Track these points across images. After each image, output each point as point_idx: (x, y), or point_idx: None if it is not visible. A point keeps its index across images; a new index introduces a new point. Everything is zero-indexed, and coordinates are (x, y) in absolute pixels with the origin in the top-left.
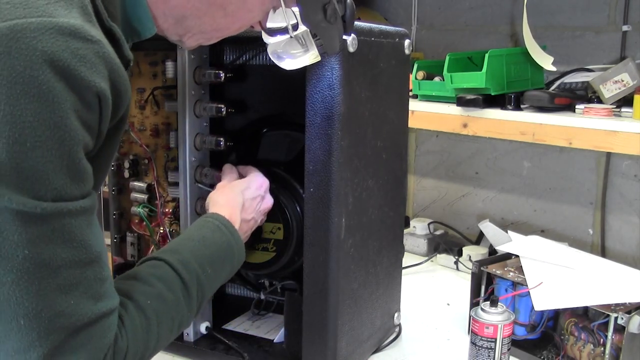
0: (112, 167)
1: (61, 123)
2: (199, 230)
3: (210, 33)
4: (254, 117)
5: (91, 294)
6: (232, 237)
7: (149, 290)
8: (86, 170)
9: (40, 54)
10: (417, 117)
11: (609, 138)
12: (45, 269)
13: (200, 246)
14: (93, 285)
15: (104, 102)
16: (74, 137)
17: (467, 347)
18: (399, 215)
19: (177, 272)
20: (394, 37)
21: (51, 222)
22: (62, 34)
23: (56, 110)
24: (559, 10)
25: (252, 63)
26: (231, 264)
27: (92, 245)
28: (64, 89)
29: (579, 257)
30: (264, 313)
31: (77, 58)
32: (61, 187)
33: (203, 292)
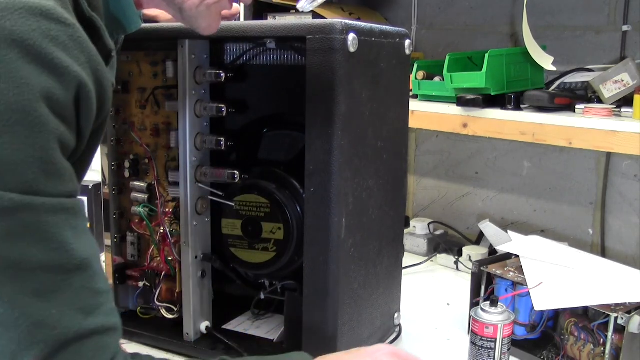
0: (112, 166)
1: (30, 108)
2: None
3: None
4: (254, 117)
5: (79, 306)
6: None
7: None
8: (63, 168)
9: (8, 33)
10: (417, 117)
11: (609, 138)
12: (18, 270)
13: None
14: (80, 295)
15: (84, 92)
16: (45, 125)
17: (467, 347)
18: (399, 215)
19: None
20: (395, 37)
21: (21, 216)
22: (33, 14)
23: (25, 93)
24: (559, 10)
25: (253, 63)
26: None
27: (76, 250)
28: (34, 72)
29: (579, 257)
30: (264, 313)
31: (49, 39)
32: (33, 181)
33: None
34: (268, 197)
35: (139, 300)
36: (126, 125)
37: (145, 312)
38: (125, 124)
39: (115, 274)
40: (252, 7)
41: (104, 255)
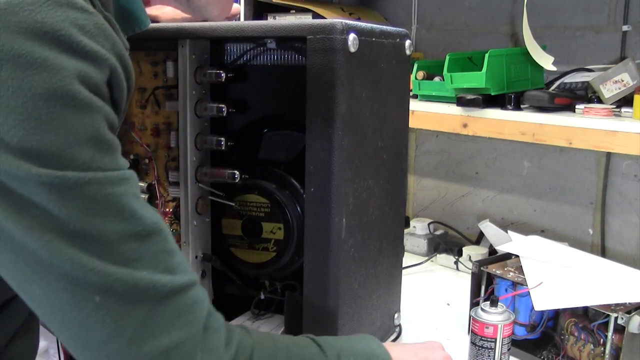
0: None
1: (73, 92)
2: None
3: None
4: (254, 117)
5: (162, 267)
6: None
7: None
8: (115, 143)
9: (41, 25)
10: (417, 117)
11: (609, 138)
12: (100, 244)
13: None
14: (160, 258)
15: (115, 75)
16: (91, 104)
17: (467, 347)
18: (399, 215)
19: None
20: (395, 38)
21: (89, 191)
22: (60, 5)
23: (65, 78)
24: (559, 10)
25: (253, 63)
26: None
27: (146, 217)
28: (68, 59)
29: (579, 257)
30: (264, 313)
31: (78, 28)
32: (91, 160)
33: None
34: (268, 197)
35: None
36: (126, 125)
37: None
38: (125, 124)
39: None
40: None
41: None
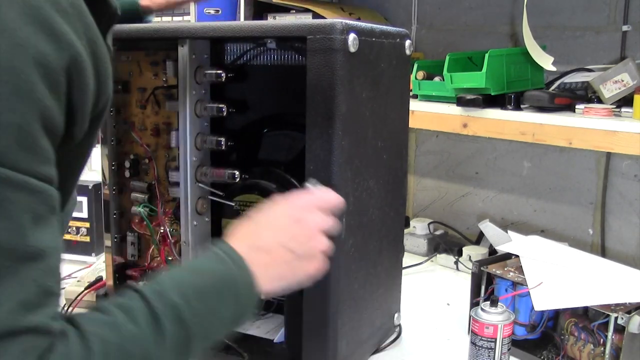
0: (113, 166)
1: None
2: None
3: None
4: (254, 117)
5: (21, 298)
6: (236, 268)
7: (101, 318)
8: (41, 146)
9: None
10: (417, 117)
11: (609, 138)
12: None
13: (188, 275)
14: (26, 288)
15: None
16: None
17: (467, 347)
18: (399, 215)
19: (147, 301)
20: (395, 38)
21: None
22: None
23: (20, 54)
24: (559, 10)
25: (253, 63)
26: (235, 300)
27: (32, 237)
28: (33, 34)
29: (579, 257)
30: (264, 313)
31: (51, 3)
32: (3, 148)
33: (187, 329)
34: (268, 197)
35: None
36: (126, 125)
37: None
38: (125, 124)
39: (115, 274)
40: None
41: (104, 255)
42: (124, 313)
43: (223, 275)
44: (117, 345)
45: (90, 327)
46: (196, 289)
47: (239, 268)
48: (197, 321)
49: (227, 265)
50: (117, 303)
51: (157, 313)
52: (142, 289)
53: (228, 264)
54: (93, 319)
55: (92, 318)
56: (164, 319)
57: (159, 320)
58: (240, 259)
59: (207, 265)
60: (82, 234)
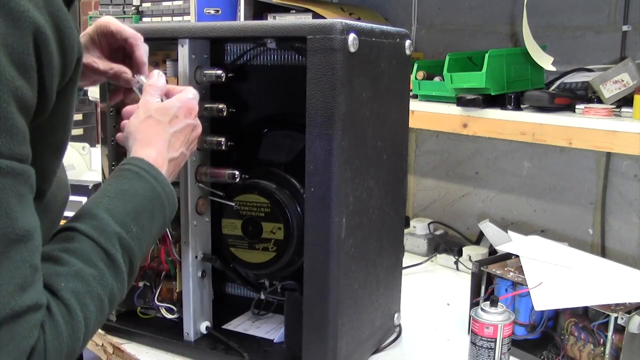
0: (113, 166)
1: None
2: (116, 182)
3: None
4: (254, 117)
5: (17, 281)
6: (157, 183)
7: (63, 271)
8: (17, 126)
9: None
10: (417, 117)
11: (609, 138)
12: None
13: (118, 202)
14: (20, 269)
15: (44, 43)
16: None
17: (467, 347)
18: (399, 215)
19: (94, 240)
20: (395, 38)
21: None
22: None
23: None
24: (559, 10)
25: (253, 63)
26: (162, 214)
27: (20, 220)
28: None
29: (579, 257)
30: (264, 313)
31: None
32: None
33: (131, 255)
34: (268, 197)
35: (139, 300)
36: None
37: (145, 312)
38: None
39: None
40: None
41: None
42: (79, 259)
43: (149, 194)
44: (87, 292)
45: (60, 285)
46: (130, 214)
47: (160, 183)
48: (137, 243)
49: (149, 182)
50: (69, 249)
51: (106, 248)
52: (84, 229)
53: (150, 182)
54: (59, 275)
55: (58, 274)
56: (113, 252)
57: (109, 255)
58: (158, 172)
59: (132, 187)
60: None
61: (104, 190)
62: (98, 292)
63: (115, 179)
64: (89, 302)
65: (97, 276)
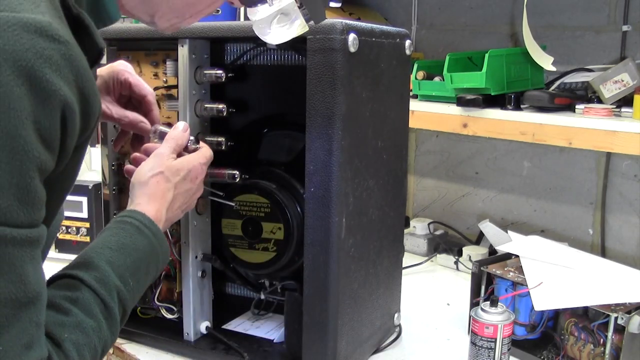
0: (113, 166)
1: (15, 133)
2: (117, 234)
3: (182, 9)
4: (254, 117)
5: (25, 340)
6: (156, 239)
7: (66, 321)
8: (38, 195)
9: (1, 52)
10: (417, 117)
11: (609, 138)
12: None
13: (119, 256)
14: (28, 330)
15: (70, 116)
16: (28, 152)
17: (467, 347)
18: (399, 215)
19: (95, 292)
20: (395, 38)
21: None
22: (27, 31)
23: (12, 117)
24: (559, 10)
25: (253, 63)
26: (156, 268)
27: (32, 283)
28: (25, 94)
29: (579, 257)
30: (264, 313)
31: (43, 59)
32: (6, 209)
33: (125, 307)
34: (268, 197)
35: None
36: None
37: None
38: None
39: None
40: None
41: None
42: (82, 310)
43: (148, 250)
44: (86, 343)
45: (64, 336)
46: (130, 268)
47: (158, 240)
48: (132, 296)
49: (149, 239)
50: (72, 299)
51: (106, 301)
52: (87, 279)
53: (150, 238)
54: (63, 325)
55: (62, 324)
56: (112, 305)
57: (108, 307)
58: (158, 229)
59: (133, 242)
60: (82, 234)
61: (106, 240)
62: (95, 343)
63: (117, 230)
64: (87, 353)
65: (96, 328)
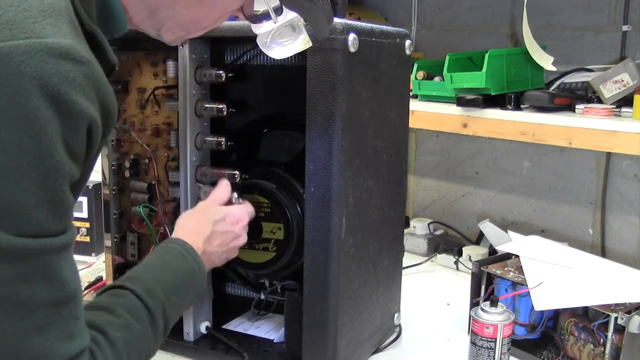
0: (113, 166)
1: (47, 154)
2: (163, 256)
3: (188, 25)
4: (254, 117)
5: (67, 333)
6: (196, 264)
7: (117, 322)
8: (69, 204)
9: (29, 79)
10: (417, 117)
11: (609, 138)
12: (24, 310)
13: (164, 273)
14: (68, 323)
15: (95, 130)
16: (59, 169)
17: (467, 347)
18: (399, 215)
19: (142, 301)
20: (395, 38)
21: (32, 260)
22: (52, 56)
23: (43, 140)
24: (559, 10)
25: (253, 63)
26: (194, 291)
27: (70, 282)
28: (53, 117)
29: (579, 257)
30: (264, 313)
31: (68, 82)
32: (43, 222)
33: (167, 321)
34: (268, 197)
35: None
36: (126, 125)
37: None
38: (125, 124)
39: (115, 274)
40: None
41: (104, 255)
42: (130, 314)
43: (188, 271)
44: (133, 344)
45: (112, 332)
46: (172, 285)
47: (198, 265)
48: (173, 312)
49: (190, 262)
50: (121, 304)
51: (152, 310)
52: (135, 288)
53: (190, 262)
54: (114, 325)
55: (110, 322)
56: (157, 315)
57: (153, 317)
58: (197, 255)
59: (176, 263)
60: (82, 234)
61: (151, 260)
62: (140, 347)
63: (161, 253)
64: (133, 353)
65: (143, 333)
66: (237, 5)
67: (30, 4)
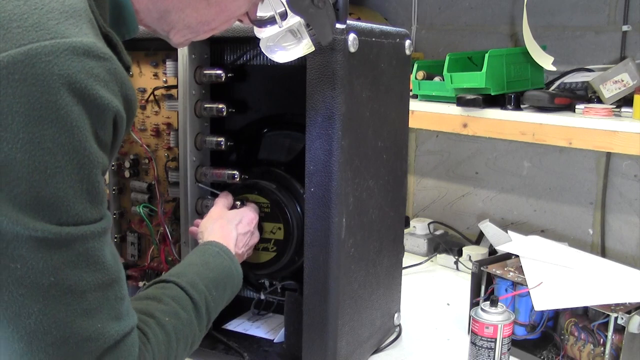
0: (113, 166)
1: (80, 147)
2: (202, 255)
3: (197, 27)
4: (254, 117)
5: (114, 314)
6: (233, 263)
7: (165, 309)
8: (103, 192)
9: (57, 77)
10: (417, 117)
11: (609, 138)
12: (72, 295)
13: (204, 269)
14: (115, 305)
15: (120, 122)
16: (92, 160)
17: (467, 347)
18: (399, 215)
19: (187, 292)
20: (395, 38)
21: (75, 246)
22: (77, 54)
23: (75, 134)
24: (559, 10)
25: (253, 63)
26: (232, 288)
27: (112, 265)
28: (82, 112)
29: (579, 257)
30: (264, 313)
31: (93, 78)
32: (82, 212)
33: (209, 313)
34: (268, 197)
35: None
36: None
37: None
38: None
39: None
40: None
41: None
42: (176, 303)
43: (226, 270)
44: (181, 330)
45: (161, 316)
46: (212, 281)
47: (234, 264)
48: (214, 306)
49: (227, 261)
50: (167, 294)
51: (196, 302)
52: (179, 281)
53: (227, 261)
54: (163, 312)
55: (159, 309)
56: (200, 306)
57: (197, 307)
58: (233, 256)
59: (214, 262)
60: None
61: (191, 259)
62: (187, 333)
63: (200, 253)
64: (181, 338)
65: (189, 321)
66: (244, 9)
67: (52, 7)
